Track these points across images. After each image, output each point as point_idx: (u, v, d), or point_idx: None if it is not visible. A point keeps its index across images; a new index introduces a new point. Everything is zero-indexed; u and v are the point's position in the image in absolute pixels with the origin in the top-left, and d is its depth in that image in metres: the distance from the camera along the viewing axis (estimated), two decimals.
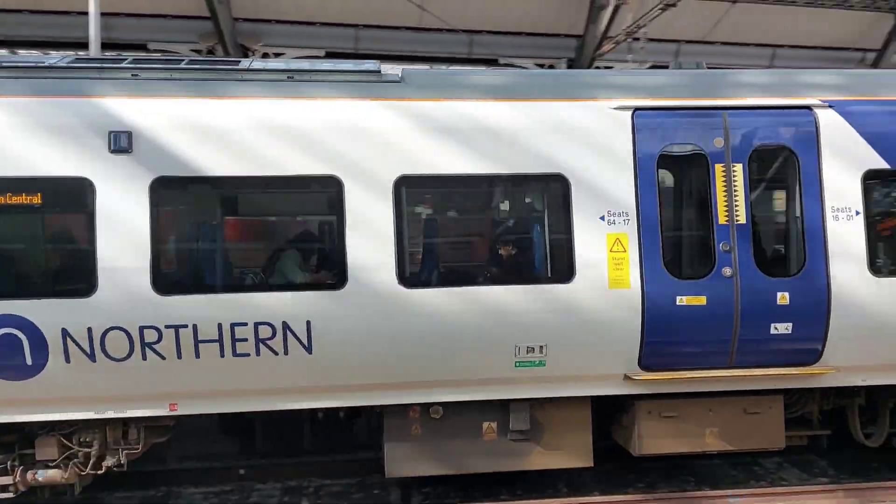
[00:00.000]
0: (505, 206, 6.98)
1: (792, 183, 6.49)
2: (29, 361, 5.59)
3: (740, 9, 17.55)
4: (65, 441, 6.10)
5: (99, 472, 6.23)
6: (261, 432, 7.96)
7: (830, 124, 6.46)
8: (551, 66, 16.95)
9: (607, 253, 6.18)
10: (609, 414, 7.05)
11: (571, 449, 6.71)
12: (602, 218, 6.19)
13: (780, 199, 6.72)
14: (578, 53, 17.04)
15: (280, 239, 6.83)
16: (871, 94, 6.80)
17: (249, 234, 6.88)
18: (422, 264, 6.38)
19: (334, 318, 5.87)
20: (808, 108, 6.50)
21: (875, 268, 6.34)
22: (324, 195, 6.19)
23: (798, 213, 6.42)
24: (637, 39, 15.83)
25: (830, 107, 6.52)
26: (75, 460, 6.13)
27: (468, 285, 6.18)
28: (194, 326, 5.71)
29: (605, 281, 6.14)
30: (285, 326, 5.80)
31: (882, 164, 6.47)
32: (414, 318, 5.97)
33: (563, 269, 6.18)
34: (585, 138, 6.25)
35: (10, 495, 5.99)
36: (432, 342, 6.04)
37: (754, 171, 6.45)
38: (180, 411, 6.02)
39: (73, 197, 5.72)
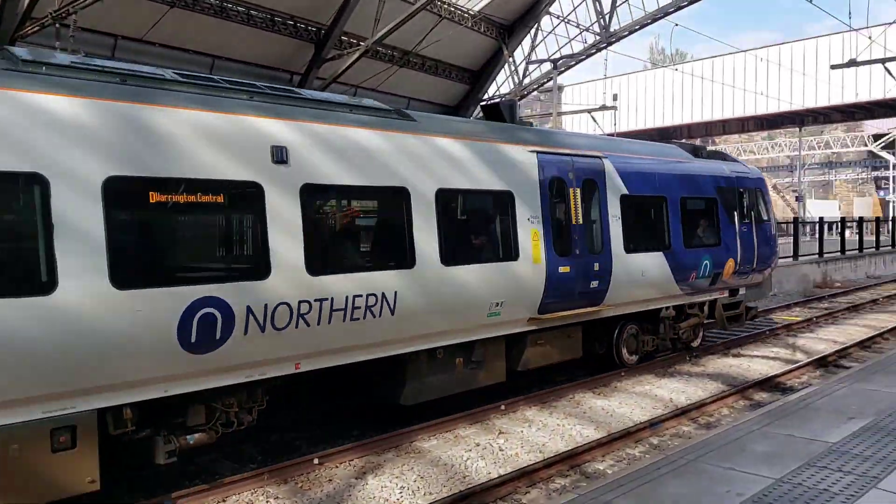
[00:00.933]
0: (484, 212, 9.55)
1: (597, 200, 10.50)
2: (217, 336, 6.34)
3: (178, 13, 17.69)
4: (214, 406, 6.87)
5: (241, 428, 7.13)
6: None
7: (608, 167, 10.74)
8: None
9: (531, 241, 9.27)
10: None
11: (496, 371, 9.56)
12: (528, 219, 9.30)
13: (593, 209, 10.52)
14: None
15: (381, 232, 8.45)
16: (619, 152, 11.34)
17: (364, 228, 8.35)
18: (454, 249, 8.51)
19: (408, 288, 7.83)
20: (600, 157, 10.66)
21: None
22: (398, 202, 8.00)
23: (599, 217, 10.49)
24: (67, 26, 14.46)
25: (606, 157, 10.77)
26: (220, 422, 6.92)
27: (479, 262, 8.82)
28: (332, 299, 7.11)
29: (531, 259, 9.27)
30: (383, 296, 7.56)
31: (626, 192, 10.92)
32: (449, 287, 8.33)
33: (513, 252, 9.13)
34: (520, 167, 9.43)
35: (174, 460, 6.63)
36: (458, 301, 8.46)
37: (583, 193, 10.28)
38: (302, 369, 7.21)
39: (249, 199, 6.81)
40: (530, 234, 9.32)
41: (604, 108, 35.18)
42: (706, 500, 4.81)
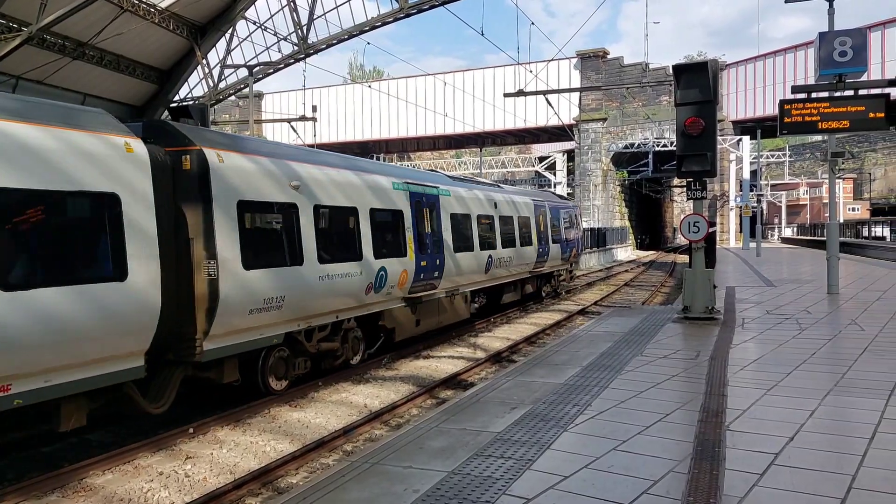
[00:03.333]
0: (523, 225, 21.58)
1: (545, 221, 23.37)
2: (490, 269, 18.13)
3: None
4: (476, 296, 18.81)
5: (482, 305, 20.15)
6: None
7: (547, 206, 23.91)
8: None
9: (535, 236, 21.92)
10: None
11: (518, 295, 21.70)
12: (534, 227, 22.01)
13: (546, 225, 23.50)
14: None
15: (495, 231, 18.91)
16: (546, 198, 25.03)
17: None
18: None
19: (516, 253, 20.20)
20: (544, 201, 24.07)
21: None
22: (489, 220, 18.63)
23: (547, 228, 23.55)
24: None
25: (545, 201, 24.16)
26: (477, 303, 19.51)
27: (526, 245, 20.92)
28: (501, 258, 18.74)
29: (536, 245, 21.96)
30: (511, 256, 19.66)
31: (551, 217, 23.96)
32: (521, 255, 20.61)
33: (531, 242, 21.76)
34: (530, 206, 21.99)
35: (475, 311, 19.48)
36: (522, 260, 20.70)
37: (542, 218, 23.24)
38: (487, 285, 18.58)
39: (491, 219, 18.34)
40: (535, 234, 21.54)
41: (303, 118, 35.31)
42: (386, 500, 5.01)
